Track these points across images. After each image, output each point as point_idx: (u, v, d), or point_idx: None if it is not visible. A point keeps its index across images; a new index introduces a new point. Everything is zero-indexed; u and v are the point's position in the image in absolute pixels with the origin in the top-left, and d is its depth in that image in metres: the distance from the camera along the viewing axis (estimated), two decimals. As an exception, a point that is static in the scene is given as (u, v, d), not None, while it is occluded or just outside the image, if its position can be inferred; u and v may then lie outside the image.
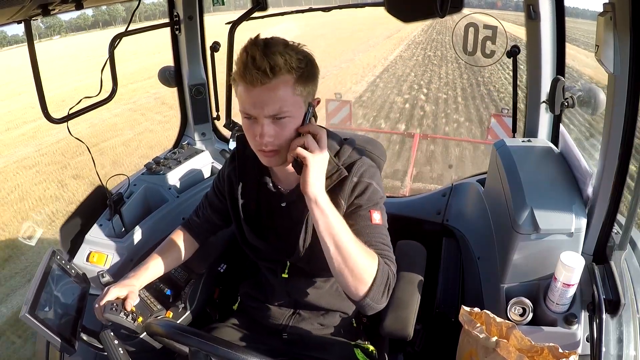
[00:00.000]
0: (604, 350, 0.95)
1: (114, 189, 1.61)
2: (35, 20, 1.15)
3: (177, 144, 1.94)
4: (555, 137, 1.48)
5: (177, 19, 1.72)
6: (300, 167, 0.90)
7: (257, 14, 1.65)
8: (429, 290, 1.44)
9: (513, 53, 1.49)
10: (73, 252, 1.40)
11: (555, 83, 1.30)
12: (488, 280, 1.30)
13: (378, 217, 0.99)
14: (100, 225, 1.46)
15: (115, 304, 1.00)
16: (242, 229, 1.13)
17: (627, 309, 1.02)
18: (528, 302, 1.09)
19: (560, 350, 0.93)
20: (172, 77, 1.85)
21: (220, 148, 1.93)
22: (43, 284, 0.94)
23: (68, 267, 1.06)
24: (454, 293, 1.48)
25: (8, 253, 4.33)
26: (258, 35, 0.88)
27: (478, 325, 1.00)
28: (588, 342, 1.01)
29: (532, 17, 1.38)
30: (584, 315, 1.05)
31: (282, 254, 1.09)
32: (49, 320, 0.91)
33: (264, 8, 1.63)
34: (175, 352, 1.02)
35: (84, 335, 1.01)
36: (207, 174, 1.83)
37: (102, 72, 1.38)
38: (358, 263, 0.87)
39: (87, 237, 1.42)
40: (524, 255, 1.12)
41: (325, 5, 1.79)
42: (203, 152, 1.84)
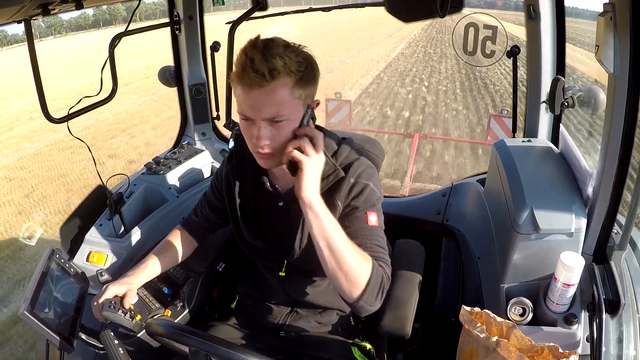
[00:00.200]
0: (604, 350, 0.95)
1: (114, 189, 1.61)
2: (36, 20, 1.15)
3: (177, 144, 1.94)
4: (555, 137, 1.48)
5: (177, 19, 1.72)
6: (295, 169, 0.89)
7: (257, 14, 1.65)
8: (429, 290, 1.43)
9: (513, 53, 1.49)
10: (73, 251, 1.40)
11: (555, 83, 1.30)
12: (488, 280, 1.30)
13: (374, 218, 0.99)
14: (100, 225, 1.46)
15: (114, 302, 0.99)
16: (239, 228, 1.12)
17: (627, 309, 1.02)
18: (528, 302, 1.09)
19: (560, 350, 0.93)
20: (172, 76, 1.85)
21: (220, 148, 1.93)
22: (42, 283, 0.94)
23: (67, 266, 1.06)
24: (454, 293, 1.48)
25: (60, 218, 4.75)
26: (258, 37, 0.87)
27: (478, 325, 1.00)
28: (588, 342, 1.01)
29: (532, 17, 1.38)
30: (584, 315, 1.05)
31: (279, 253, 1.09)
32: (48, 319, 0.91)
33: (264, 8, 1.63)
34: (174, 351, 1.02)
35: (83, 335, 1.01)
36: (207, 174, 1.83)
37: (102, 71, 1.39)
38: (352, 266, 0.87)
39: (87, 237, 1.42)
40: (524, 255, 1.12)
41: (325, 5, 1.79)
42: (203, 152, 1.84)
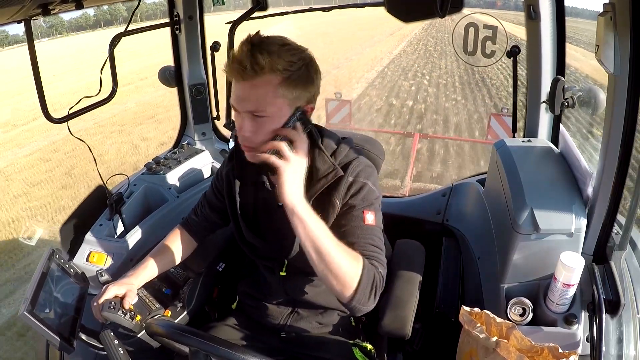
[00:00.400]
0: (604, 350, 0.95)
1: (114, 189, 1.61)
2: (36, 20, 1.15)
3: (177, 144, 1.94)
4: (555, 137, 1.48)
5: (177, 19, 1.72)
6: (270, 170, 0.88)
7: (257, 14, 1.65)
8: (429, 290, 1.43)
9: (513, 53, 1.49)
10: (73, 252, 1.40)
11: (555, 83, 1.29)
12: (488, 280, 1.30)
13: (371, 217, 0.98)
14: (100, 225, 1.46)
15: (114, 303, 0.99)
16: (239, 228, 1.12)
17: (627, 309, 1.02)
18: (528, 302, 1.09)
19: (560, 351, 0.93)
20: (172, 76, 1.85)
21: (220, 148, 1.93)
22: (42, 283, 0.94)
23: (67, 266, 1.06)
24: (454, 293, 1.48)
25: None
26: (257, 32, 0.88)
27: (478, 325, 1.00)
28: (588, 342, 1.01)
29: (532, 17, 1.37)
30: (584, 315, 1.05)
31: (279, 252, 1.09)
32: (48, 319, 0.91)
33: (264, 8, 1.63)
34: (174, 351, 1.02)
35: (83, 335, 1.01)
36: (207, 174, 1.83)
37: (101, 71, 1.39)
38: (341, 268, 0.87)
39: (87, 237, 1.42)
40: (524, 255, 1.12)
41: (325, 5, 1.79)
42: (203, 152, 1.84)
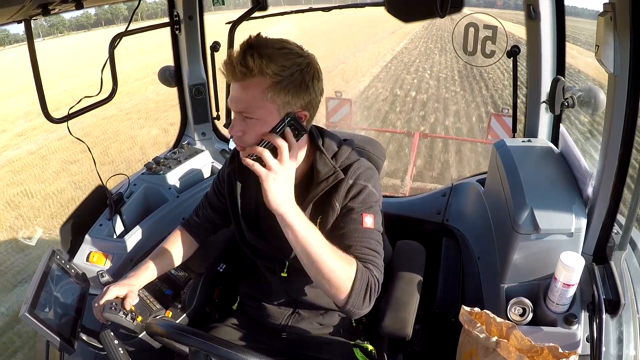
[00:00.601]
0: (604, 350, 0.95)
1: (114, 189, 1.61)
2: (36, 20, 1.15)
3: (177, 144, 1.94)
4: (555, 137, 1.48)
5: (177, 19, 1.72)
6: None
7: (257, 14, 1.65)
8: (429, 290, 1.43)
9: (513, 53, 1.49)
10: (73, 252, 1.40)
11: (555, 83, 1.29)
12: (488, 280, 1.30)
13: (370, 220, 0.98)
14: (100, 225, 1.46)
15: (115, 303, 1.00)
16: (241, 228, 1.12)
17: (627, 309, 1.02)
18: (528, 302, 1.09)
19: (560, 350, 0.93)
20: (172, 76, 1.85)
21: (220, 148, 1.93)
22: (43, 284, 0.94)
23: (68, 267, 1.06)
24: (454, 293, 1.48)
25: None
26: (258, 34, 0.88)
27: (478, 325, 1.00)
28: (588, 342, 1.01)
29: (532, 17, 1.37)
30: (584, 315, 1.05)
31: (280, 253, 1.09)
32: (49, 320, 0.91)
33: (264, 8, 1.63)
34: (175, 352, 1.02)
35: (84, 335, 1.01)
36: (207, 174, 1.83)
37: (102, 71, 1.39)
38: (333, 272, 0.86)
39: (87, 237, 1.42)
40: (524, 255, 1.12)
41: (325, 5, 1.79)
42: (203, 152, 1.84)
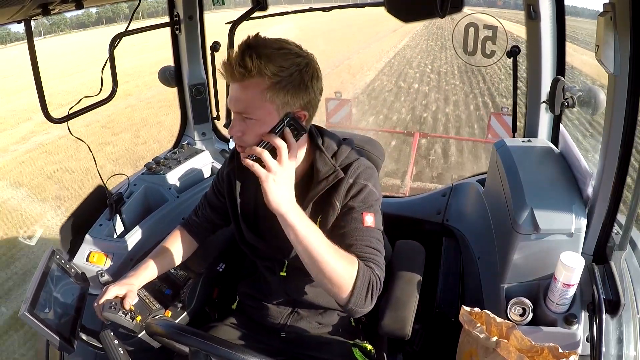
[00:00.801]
0: (604, 351, 0.95)
1: (114, 189, 1.61)
2: (37, 20, 1.15)
3: (177, 144, 1.94)
4: (555, 137, 1.48)
5: (177, 19, 1.72)
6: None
7: (257, 14, 1.65)
8: (429, 290, 1.43)
9: (513, 53, 1.49)
10: (73, 252, 1.40)
11: (555, 83, 1.29)
12: (488, 280, 1.30)
13: (371, 219, 0.98)
14: (100, 225, 1.46)
15: (114, 303, 1.00)
16: (240, 228, 1.12)
17: (627, 309, 1.01)
18: (528, 302, 1.09)
19: (560, 350, 0.93)
20: (172, 76, 1.84)
21: (220, 148, 1.93)
22: (42, 283, 0.94)
23: (68, 266, 1.06)
24: (454, 293, 1.48)
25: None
26: (257, 34, 0.88)
27: (478, 325, 1.00)
28: (588, 342, 1.01)
29: (532, 17, 1.37)
30: (584, 316, 1.05)
31: (279, 253, 1.09)
32: (48, 320, 0.91)
33: (264, 8, 1.63)
34: (175, 351, 1.02)
35: (84, 335, 1.01)
36: (207, 174, 1.83)
37: (102, 71, 1.39)
38: (335, 271, 0.87)
39: (87, 237, 1.42)
40: (524, 255, 1.12)
41: (326, 5, 1.79)
42: (203, 152, 1.84)
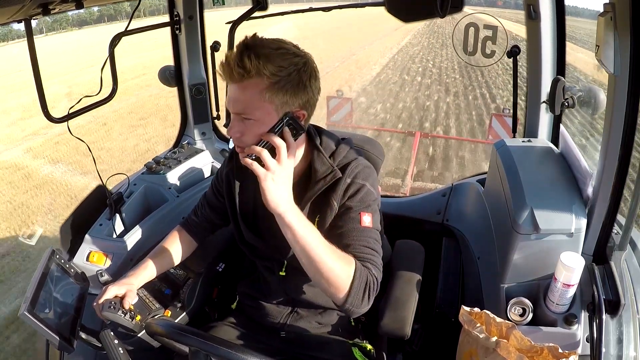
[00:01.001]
0: (604, 351, 0.95)
1: (114, 189, 1.61)
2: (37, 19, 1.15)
3: (177, 144, 1.94)
4: (556, 137, 1.48)
5: (177, 19, 1.72)
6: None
7: (257, 14, 1.65)
8: (429, 290, 1.43)
9: (513, 53, 1.49)
10: (73, 251, 1.40)
11: (556, 83, 1.29)
12: (488, 280, 1.30)
13: (368, 219, 0.98)
14: (100, 225, 1.46)
15: (114, 303, 1.00)
16: (239, 228, 1.12)
17: (627, 309, 1.01)
18: (528, 302, 1.09)
19: (560, 351, 0.93)
20: (172, 76, 1.84)
21: (220, 148, 1.93)
22: (42, 283, 0.94)
23: (67, 266, 1.06)
24: (454, 293, 1.48)
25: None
26: (254, 34, 0.88)
27: (478, 325, 1.00)
28: (588, 342, 1.01)
29: (532, 17, 1.37)
30: (584, 316, 1.04)
31: (278, 253, 1.09)
32: (48, 319, 0.91)
33: (264, 8, 1.63)
34: (174, 351, 1.02)
35: (83, 334, 1.01)
36: (207, 174, 1.83)
37: (102, 71, 1.39)
38: (332, 271, 0.87)
39: (87, 237, 1.42)
40: (524, 255, 1.12)
41: (326, 5, 1.79)
42: (203, 151, 1.84)
